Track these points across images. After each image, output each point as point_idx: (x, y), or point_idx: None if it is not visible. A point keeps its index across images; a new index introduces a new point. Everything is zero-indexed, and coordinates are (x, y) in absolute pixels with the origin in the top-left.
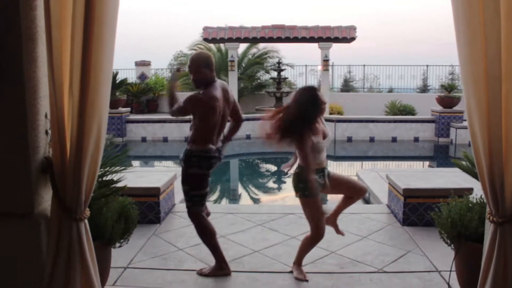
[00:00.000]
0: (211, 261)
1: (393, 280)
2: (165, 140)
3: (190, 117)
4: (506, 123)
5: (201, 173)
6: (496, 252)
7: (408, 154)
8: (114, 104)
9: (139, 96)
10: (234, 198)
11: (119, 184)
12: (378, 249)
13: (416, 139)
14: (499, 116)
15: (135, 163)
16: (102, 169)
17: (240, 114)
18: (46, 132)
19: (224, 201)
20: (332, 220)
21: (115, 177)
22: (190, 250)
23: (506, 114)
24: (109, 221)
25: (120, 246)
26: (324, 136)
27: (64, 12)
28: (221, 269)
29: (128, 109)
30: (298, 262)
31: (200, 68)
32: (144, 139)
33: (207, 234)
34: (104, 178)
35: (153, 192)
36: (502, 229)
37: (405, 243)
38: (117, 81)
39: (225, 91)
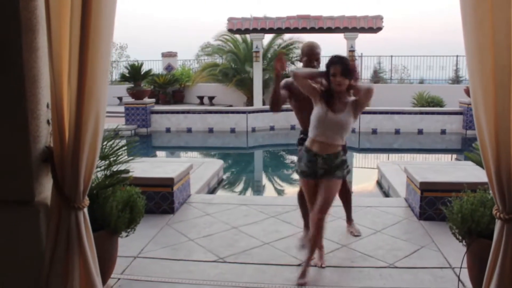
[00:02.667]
0: (220, 252)
1: (403, 276)
2: (189, 130)
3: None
4: None
5: None
6: (502, 250)
7: (434, 147)
8: (139, 95)
9: (166, 87)
10: (257, 189)
11: (131, 174)
12: (391, 244)
13: (443, 132)
14: (507, 108)
15: (160, 153)
16: (108, 160)
17: None
18: (48, 122)
19: (249, 192)
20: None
21: (121, 167)
22: (201, 241)
23: None
24: (114, 210)
25: (127, 236)
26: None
27: (63, 3)
28: None
29: (153, 100)
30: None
31: None
32: (168, 130)
33: None
34: (111, 168)
35: (167, 183)
36: (509, 227)
37: (420, 238)
38: (142, 72)
39: None
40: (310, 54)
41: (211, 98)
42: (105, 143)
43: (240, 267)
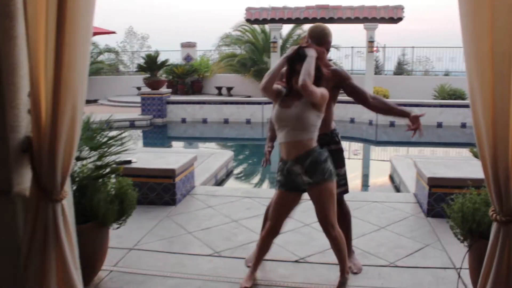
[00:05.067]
0: (217, 246)
1: (403, 276)
2: (204, 121)
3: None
4: None
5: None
6: (498, 254)
7: (453, 140)
8: (155, 85)
9: (184, 78)
10: (268, 182)
11: (135, 165)
12: (394, 241)
13: (463, 125)
14: (507, 99)
15: (175, 143)
16: (99, 151)
17: None
18: (29, 111)
19: (258, 185)
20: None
21: (111, 158)
22: (199, 233)
23: None
24: (102, 202)
25: (118, 228)
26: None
27: None
28: None
29: (169, 90)
30: None
31: None
32: (184, 120)
33: None
34: (103, 159)
35: (169, 174)
36: (506, 229)
37: (426, 236)
38: (158, 62)
39: None
40: (320, 40)
41: (229, 89)
42: (96, 134)
43: (235, 262)
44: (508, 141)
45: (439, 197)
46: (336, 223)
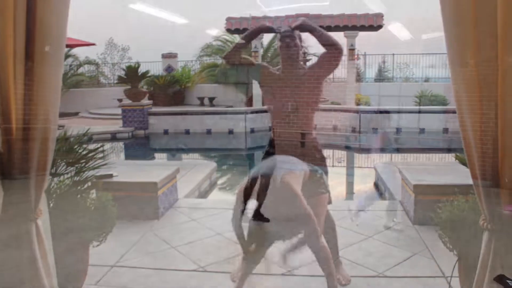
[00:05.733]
0: (201, 260)
1: (392, 285)
2: (186, 132)
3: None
4: (502, 111)
5: None
6: (490, 264)
7: (435, 145)
8: (136, 96)
9: (166, 89)
10: None
11: (116, 179)
12: (382, 250)
13: (445, 130)
14: (494, 103)
15: (158, 155)
16: (77, 166)
17: None
18: None
19: None
20: None
21: (91, 173)
22: (183, 248)
23: (503, 101)
24: (80, 219)
25: (98, 245)
26: None
27: None
28: None
29: (151, 101)
30: None
31: None
32: (166, 132)
33: None
34: (81, 175)
35: (151, 187)
36: (498, 237)
37: (413, 244)
38: (139, 74)
39: None
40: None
41: (211, 99)
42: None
43: (219, 276)
44: (498, 146)
45: (425, 204)
46: (322, 235)
